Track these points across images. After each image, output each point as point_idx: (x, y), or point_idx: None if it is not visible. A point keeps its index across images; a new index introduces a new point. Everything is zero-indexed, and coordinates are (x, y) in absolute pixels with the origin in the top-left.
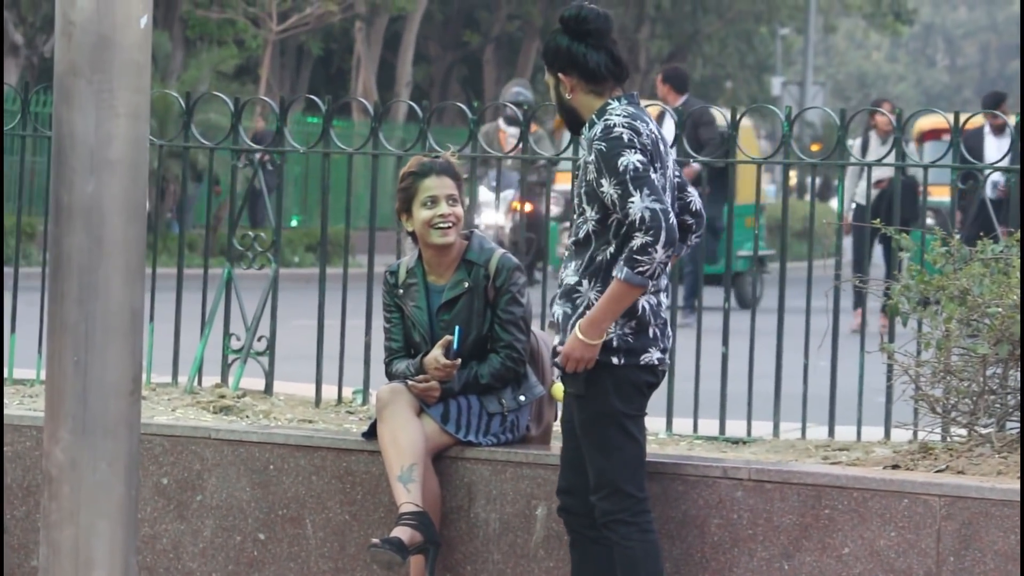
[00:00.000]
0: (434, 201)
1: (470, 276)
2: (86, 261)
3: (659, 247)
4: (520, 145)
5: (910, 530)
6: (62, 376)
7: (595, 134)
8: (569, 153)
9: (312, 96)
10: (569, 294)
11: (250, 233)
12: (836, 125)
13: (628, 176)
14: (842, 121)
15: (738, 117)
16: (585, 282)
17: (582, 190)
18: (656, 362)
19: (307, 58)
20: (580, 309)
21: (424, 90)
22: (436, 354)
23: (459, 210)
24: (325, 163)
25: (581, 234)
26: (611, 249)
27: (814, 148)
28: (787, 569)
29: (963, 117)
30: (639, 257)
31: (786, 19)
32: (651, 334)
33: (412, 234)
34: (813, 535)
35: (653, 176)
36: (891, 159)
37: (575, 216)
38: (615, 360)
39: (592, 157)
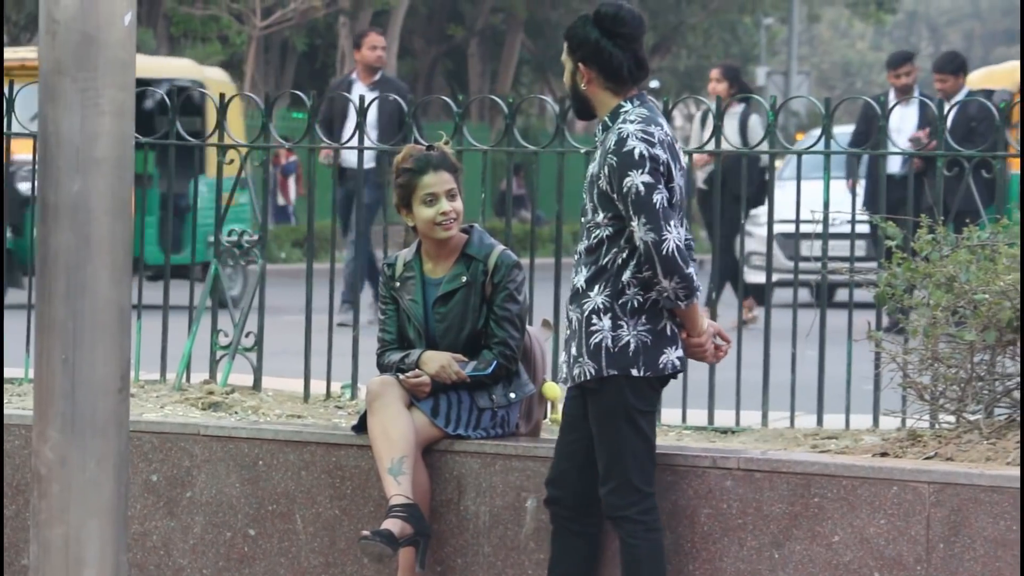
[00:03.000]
0: (434, 198)
1: (468, 270)
2: (73, 259)
3: (662, 279)
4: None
5: (899, 517)
6: (50, 374)
7: (609, 146)
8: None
9: (297, 91)
10: (579, 298)
11: (236, 229)
12: (821, 114)
13: (630, 199)
14: (827, 110)
15: (723, 107)
16: (596, 287)
17: (594, 193)
18: (676, 363)
19: (291, 54)
20: (587, 314)
21: (409, 84)
22: (453, 363)
23: (459, 204)
24: (311, 159)
25: (593, 240)
26: (623, 255)
27: (798, 137)
28: (777, 558)
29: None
30: (657, 289)
31: (770, 9)
32: (668, 331)
33: (414, 228)
34: (803, 523)
35: (656, 199)
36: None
37: (585, 220)
38: (635, 372)
39: (606, 168)
